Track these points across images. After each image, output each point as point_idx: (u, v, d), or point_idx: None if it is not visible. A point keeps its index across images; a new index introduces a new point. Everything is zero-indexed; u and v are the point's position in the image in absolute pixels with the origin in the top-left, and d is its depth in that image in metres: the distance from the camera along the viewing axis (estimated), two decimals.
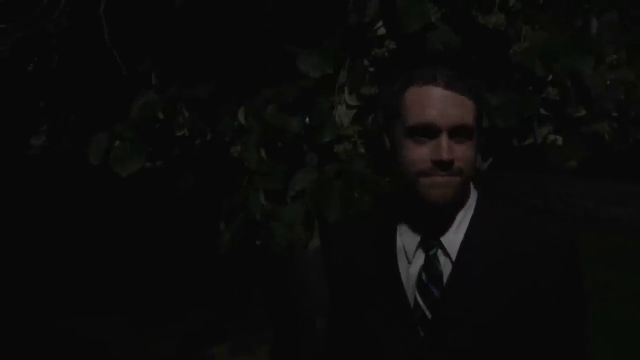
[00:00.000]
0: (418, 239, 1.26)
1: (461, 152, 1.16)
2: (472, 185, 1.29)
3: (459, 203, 1.24)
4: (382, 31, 1.96)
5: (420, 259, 1.26)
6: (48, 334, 4.59)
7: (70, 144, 2.70)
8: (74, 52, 2.57)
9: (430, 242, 1.25)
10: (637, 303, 4.95)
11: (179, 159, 2.41)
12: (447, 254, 1.24)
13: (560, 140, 2.11)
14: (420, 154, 1.17)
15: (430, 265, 1.24)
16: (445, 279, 1.23)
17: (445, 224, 1.24)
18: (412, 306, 1.24)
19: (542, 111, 2.04)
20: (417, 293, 1.24)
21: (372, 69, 2.02)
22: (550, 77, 2.01)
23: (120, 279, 5.28)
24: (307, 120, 2.08)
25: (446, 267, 1.24)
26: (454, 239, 1.24)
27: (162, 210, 4.93)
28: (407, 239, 1.28)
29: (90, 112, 2.65)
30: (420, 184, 1.18)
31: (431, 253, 1.25)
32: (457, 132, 1.16)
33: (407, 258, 1.27)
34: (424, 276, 1.24)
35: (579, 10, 2.12)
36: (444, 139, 1.15)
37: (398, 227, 1.29)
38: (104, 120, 2.38)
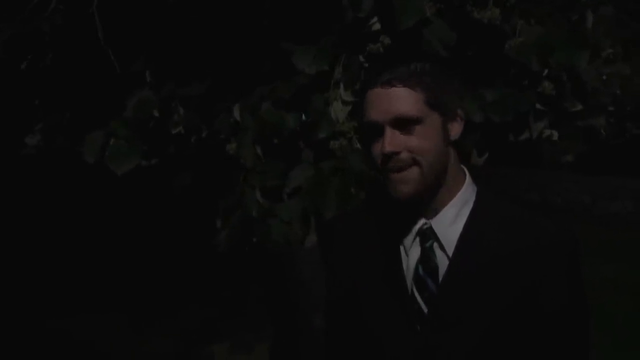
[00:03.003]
0: (412, 230, 1.27)
1: (410, 142, 1.21)
2: (469, 179, 1.29)
3: (432, 192, 1.25)
4: (377, 26, 1.95)
5: (416, 251, 1.26)
6: (42, 334, 4.57)
7: (65, 142, 2.69)
8: (68, 49, 2.55)
9: (426, 235, 1.26)
10: (633, 297, 4.96)
11: (175, 156, 2.41)
12: (442, 248, 1.25)
13: (555, 135, 2.11)
14: (374, 150, 1.25)
15: (427, 258, 1.25)
16: (441, 273, 1.24)
17: (430, 215, 1.26)
18: (409, 299, 1.25)
19: (538, 106, 2.03)
20: (413, 286, 1.25)
21: (367, 65, 2.01)
22: (546, 71, 2.00)
23: (116, 277, 5.27)
24: (303, 116, 2.08)
25: (442, 261, 1.25)
26: (449, 232, 1.25)
27: (158, 208, 4.92)
28: (402, 231, 1.28)
29: (84, 110, 2.64)
30: (384, 181, 1.25)
31: (427, 245, 1.26)
32: (400, 124, 1.21)
33: (405, 250, 1.27)
34: (420, 269, 1.25)
35: (574, 4, 2.12)
36: (386, 133, 1.21)
37: (393, 220, 1.30)
38: (99, 118, 2.37)
